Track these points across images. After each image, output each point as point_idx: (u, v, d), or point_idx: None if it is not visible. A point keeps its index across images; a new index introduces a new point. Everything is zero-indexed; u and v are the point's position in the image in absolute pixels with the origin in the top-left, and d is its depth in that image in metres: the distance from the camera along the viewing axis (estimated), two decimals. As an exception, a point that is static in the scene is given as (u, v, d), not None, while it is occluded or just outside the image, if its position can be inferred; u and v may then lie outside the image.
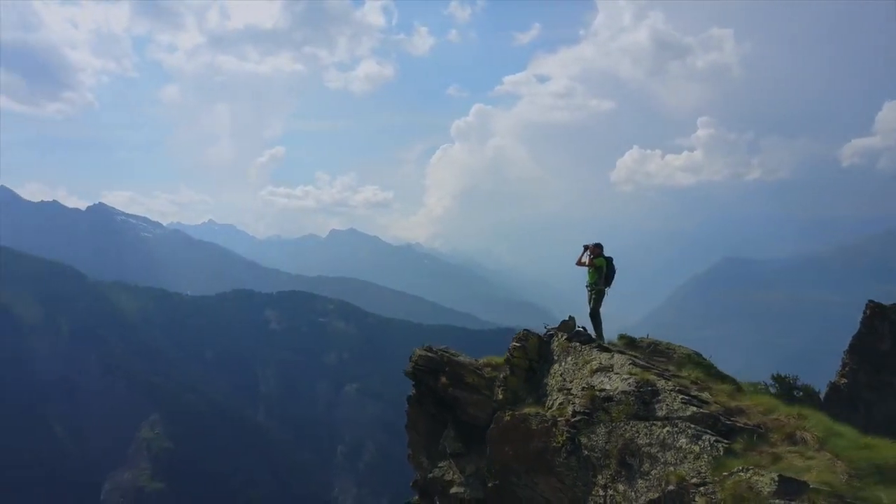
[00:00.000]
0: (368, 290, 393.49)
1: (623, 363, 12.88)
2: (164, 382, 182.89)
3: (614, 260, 17.60)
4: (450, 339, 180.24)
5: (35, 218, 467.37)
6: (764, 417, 10.40)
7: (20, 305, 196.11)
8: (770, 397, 12.06)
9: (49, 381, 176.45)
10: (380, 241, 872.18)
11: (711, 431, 9.66)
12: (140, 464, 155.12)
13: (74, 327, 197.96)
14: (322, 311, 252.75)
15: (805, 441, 9.08)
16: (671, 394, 10.89)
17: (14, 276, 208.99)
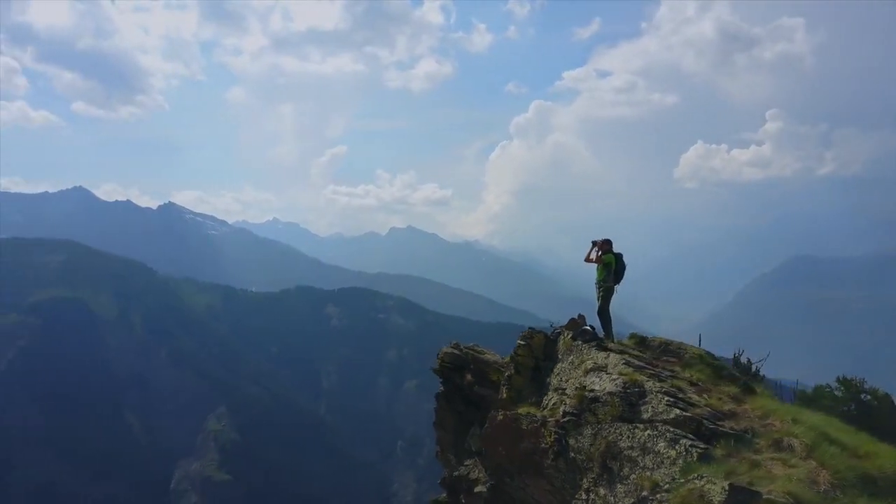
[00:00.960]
0: (427, 288, 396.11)
1: (616, 363, 12.53)
2: (230, 376, 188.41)
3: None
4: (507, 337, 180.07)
5: (110, 217, 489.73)
6: (758, 421, 10.04)
7: (97, 301, 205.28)
8: (772, 400, 11.40)
9: (123, 374, 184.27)
10: (438, 239, 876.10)
11: (691, 436, 9.39)
12: (208, 454, 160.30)
13: (146, 322, 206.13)
14: (382, 308, 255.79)
15: (792, 448, 8.76)
16: (657, 395, 10.56)
17: (91, 274, 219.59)
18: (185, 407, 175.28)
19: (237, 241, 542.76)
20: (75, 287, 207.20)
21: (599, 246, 16.98)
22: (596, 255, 16.97)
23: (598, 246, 17.00)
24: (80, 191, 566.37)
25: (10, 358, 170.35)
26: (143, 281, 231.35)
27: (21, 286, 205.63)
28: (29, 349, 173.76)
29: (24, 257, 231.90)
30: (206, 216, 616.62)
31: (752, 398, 11.53)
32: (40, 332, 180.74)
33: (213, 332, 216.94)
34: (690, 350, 14.60)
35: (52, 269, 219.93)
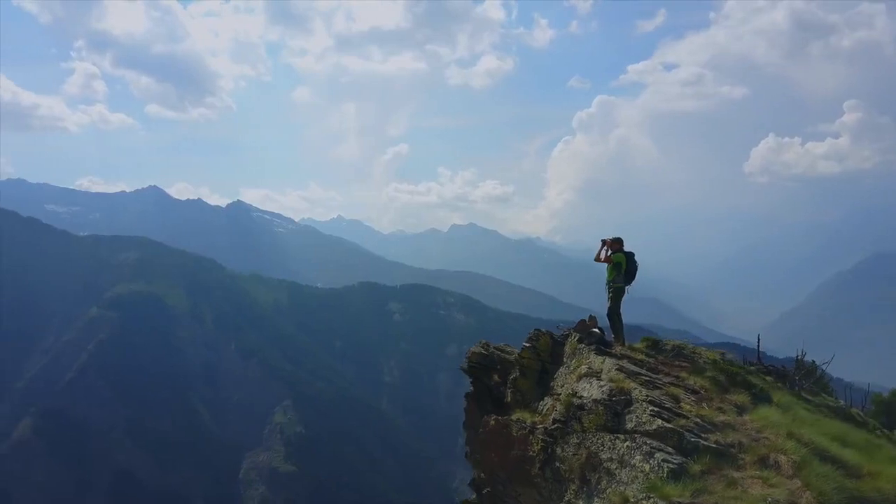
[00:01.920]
0: (488, 284, 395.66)
1: (609, 368, 11.99)
2: (295, 370, 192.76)
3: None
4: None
5: (182, 215, 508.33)
6: (753, 435, 9.45)
7: (170, 296, 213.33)
8: (776, 412, 10.53)
9: (195, 366, 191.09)
10: (499, 236, 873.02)
11: (671, 449, 8.89)
12: (274, 446, 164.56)
13: (216, 317, 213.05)
14: (443, 304, 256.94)
15: (778, 465, 8.20)
16: (643, 405, 10.05)
17: (165, 269, 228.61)
18: (252, 399, 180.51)
19: (303, 238, 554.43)
20: (150, 282, 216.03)
21: (609, 244, 16.51)
22: (605, 254, 16.49)
23: (608, 244, 16.54)
24: (155, 190, 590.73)
25: (90, 349, 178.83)
26: (213, 277, 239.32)
27: (100, 281, 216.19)
28: (108, 341, 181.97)
29: (103, 254, 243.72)
30: (273, 214, 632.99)
31: (756, 409, 10.76)
32: (118, 326, 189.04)
33: (279, 327, 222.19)
34: (705, 354, 14.12)
35: (129, 265, 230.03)
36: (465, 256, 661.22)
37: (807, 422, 10.49)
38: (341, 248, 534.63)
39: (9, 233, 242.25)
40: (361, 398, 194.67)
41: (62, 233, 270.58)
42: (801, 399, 13.56)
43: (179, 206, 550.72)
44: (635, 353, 13.90)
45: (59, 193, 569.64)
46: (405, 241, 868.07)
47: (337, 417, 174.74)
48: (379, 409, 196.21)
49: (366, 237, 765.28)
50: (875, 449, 10.01)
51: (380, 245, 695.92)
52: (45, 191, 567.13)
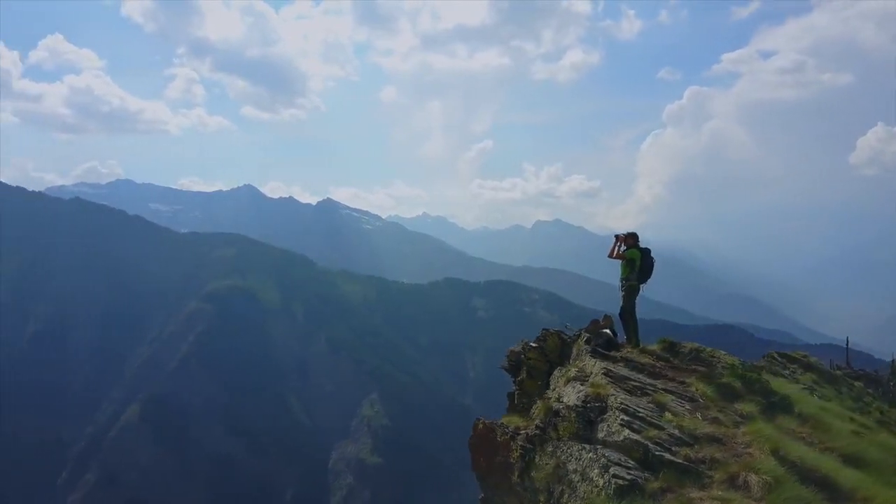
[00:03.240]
0: (573, 281, 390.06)
1: (597, 371, 11.39)
2: (382, 364, 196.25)
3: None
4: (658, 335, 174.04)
5: (275, 213, 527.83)
6: (736, 450, 8.66)
7: (264, 291, 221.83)
8: (771, 427, 9.63)
9: (286, 359, 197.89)
10: (585, 232, 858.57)
11: (633, 462, 8.21)
12: (362, 438, 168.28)
13: (307, 311, 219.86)
14: (527, 301, 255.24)
15: (747, 486, 7.46)
16: (615, 413, 9.42)
17: (259, 265, 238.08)
18: (341, 392, 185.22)
19: (390, 234, 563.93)
20: (245, 277, 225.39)
21: (623, 240, 15.71)
22: (618, 250, 15.71)
23: (622, 240, 15.73)
24: (249, 189, 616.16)
25: (190, 341, 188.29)
26: (304, 272, 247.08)
27: (199, 276, 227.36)
28: (206, 333, 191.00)
29: (202, 250, 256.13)
30: (361, 211, 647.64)
31: (754, 420, 9.81)
32: (216, 318, 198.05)
33: (367, 321, 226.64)
34: (724, 359, 13.33)
35: (225, 261, 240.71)
36: (550, 253, 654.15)
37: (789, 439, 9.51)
38: (426, 244, 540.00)
39: (117, 230, 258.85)
40: (446, 393, 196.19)
41: (165, 230, 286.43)
42: (853, 408, 12.71)
43: (272, 204, 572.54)
44: (641, 357, 13.24)
45: (162, 193, 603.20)
46: (489, 237, 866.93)
47: (422, 412, 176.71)
48: (463, 405, 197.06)
49: (450, 234, 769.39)
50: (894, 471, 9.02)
51: (464, 241, 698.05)
52: (150, 190, 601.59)
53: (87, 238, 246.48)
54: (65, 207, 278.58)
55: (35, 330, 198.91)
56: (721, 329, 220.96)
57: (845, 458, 9.16)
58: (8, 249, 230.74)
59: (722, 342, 15.36)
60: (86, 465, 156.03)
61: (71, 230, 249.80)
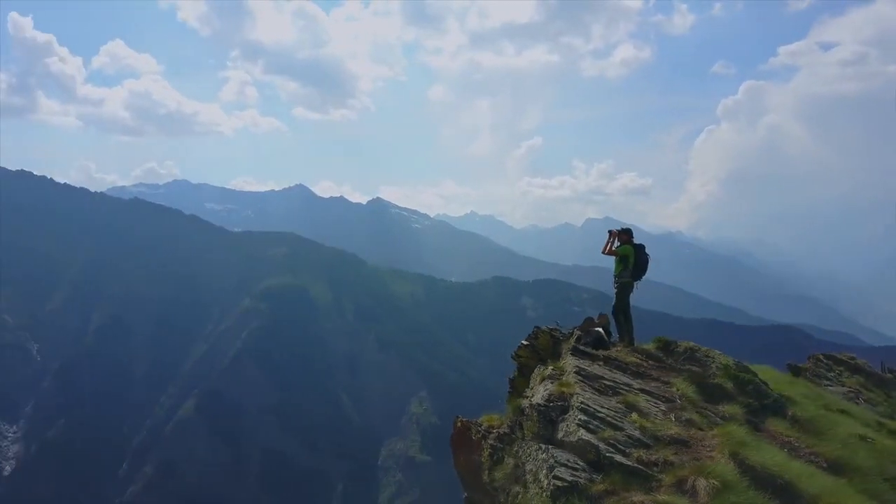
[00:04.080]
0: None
1: (570, 370, 11.05)
2: (431, 361, 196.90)
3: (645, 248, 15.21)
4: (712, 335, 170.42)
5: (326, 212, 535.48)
6: (700, 453, 8.34)
7: (315, 289, 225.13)
8: (745, 430, 9.05)
9: (337, 356, 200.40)
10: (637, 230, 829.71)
11: (581, 464, 8.03)
12: (410, 435, 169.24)
13: (357, 309, 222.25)
14: (577, 301, 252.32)
15: (694, 490, 7.17)
16: (575, 412, 9.14)
17: (310, 263, 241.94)
18: (390, 389, 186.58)
19: (438, 233, 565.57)
20: (297, 275, 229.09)
21: (616, 236, 15.51)
22: (611, 246, 15.50)
23: (615, 236, 15.54)
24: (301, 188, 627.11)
25: (243, 338, 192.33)
26: (354, 271, 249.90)
27: (252, 274, 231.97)
28: (259, 330, 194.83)
29: (255, 248, 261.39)
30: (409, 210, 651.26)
31: (723, 426, 9.26)
32: (268, 316, 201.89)
33: (415, 319, 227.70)
34: (718, 359, 12.90)
35: (278, 260, 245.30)
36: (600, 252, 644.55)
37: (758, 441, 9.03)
38: (474, 242, 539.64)
39: (174, 230, 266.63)
40: (494, 392, 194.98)
41: (219, 229, 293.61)
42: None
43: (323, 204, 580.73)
44: (628, 356, 12.88)
45: (217, 193, 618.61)
46: (538, 235, 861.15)
47: (470, 410, 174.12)
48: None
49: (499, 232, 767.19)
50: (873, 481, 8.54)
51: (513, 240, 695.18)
52: (205, 190, 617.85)
53: (145, 237, 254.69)
54: (125, 207, 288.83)
55: (98, 326, 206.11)
56: (778, 330, 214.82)
57: (830, 463, 8.89)
58: (73, 248, 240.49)
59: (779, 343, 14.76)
60: (145, 458, 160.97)
61: (131, 229, 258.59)
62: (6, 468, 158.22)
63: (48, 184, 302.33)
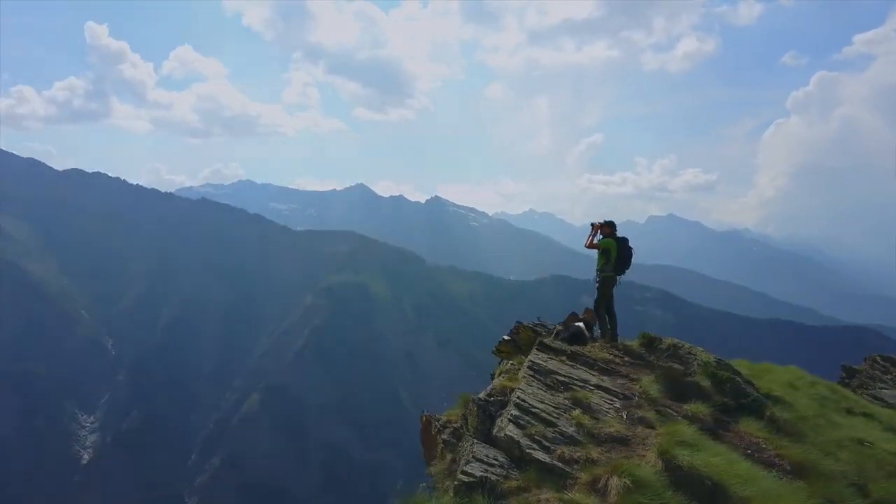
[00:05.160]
0: (688, 279, 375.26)
1: (525, 364, 10.78)
2: (489, 360, 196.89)
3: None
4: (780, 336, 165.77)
5: (386, 211, 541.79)
6: (633, 451, 8.13)
7: (375, 286, 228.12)
8: (690, 428, 8.61)
9: (396, 352, 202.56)
10: (701, 227, 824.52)
11: (501, 460, 7.91)
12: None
13: (415, 306, 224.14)
14: (639, 300, 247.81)
15: (606, 489, 7.00)
16: (510, 407, 9.02)
17: (370, 261, 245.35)
18: (448, 386, 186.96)
19: (496, 231, 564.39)
20: (357, 273, 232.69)
21: (599, 229, 15.04)
22: (591, 239, 15.08)
23: (598, 229, 15.07)
24: (362, 187, 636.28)
25: (306, 334, 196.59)
26: (413, 269, 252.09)
27: (315, 271, 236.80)
28: (321, 327, 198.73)
29: (317, 246, 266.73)
30: (468, 208, 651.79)
31: (670, 424, 8.93)
32: (330, 312, 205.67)
33: (473, 317, 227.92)
34: (700, 356, 12.52)
35: (339, 257, 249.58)
36: (663, 249, 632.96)
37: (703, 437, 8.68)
38: (533, 240, 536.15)
39: (240, 228, 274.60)
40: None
41: (283, 228, 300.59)
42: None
43: (383, 203, 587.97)
44: (600, 352, 12.63)
45: (280, 192, 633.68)
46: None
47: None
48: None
49: (558, 230, 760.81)
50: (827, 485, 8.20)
51: (572, 238, 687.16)
52: (269, 190, 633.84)
53: (212, 236, 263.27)
54: (193, 207, 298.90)
55: (167, 322, 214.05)
56: (849, 330, 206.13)
57: (794, 466, 8.63)
58: (144, 246, 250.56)
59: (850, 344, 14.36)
60: (212, 450, 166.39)
61: (198, 228, 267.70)
62: (84, 456, 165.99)
63: (122, 185, 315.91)
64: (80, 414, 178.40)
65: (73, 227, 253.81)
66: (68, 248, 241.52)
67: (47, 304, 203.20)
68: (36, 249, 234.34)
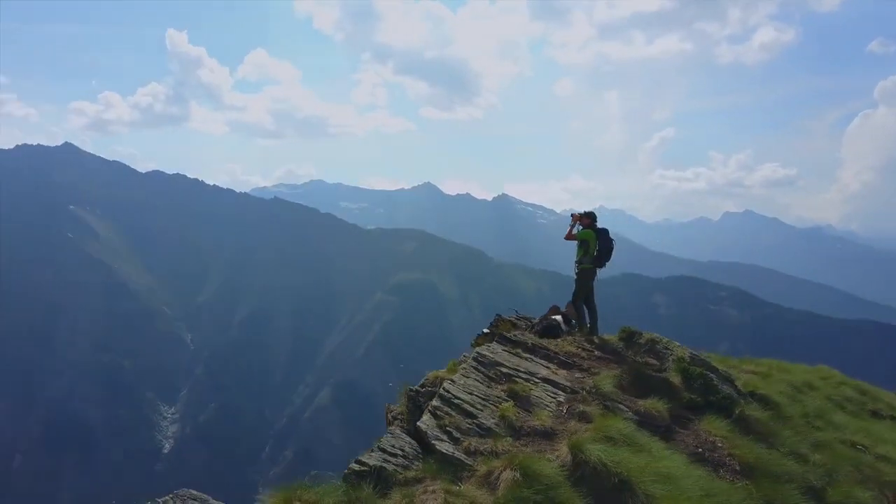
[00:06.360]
0: (766, 277, 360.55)
1: (471, 356, 10.56)
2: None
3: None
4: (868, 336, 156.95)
5: (453, 209, 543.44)
6: (549, 446, 7.92)
7: (443, 283, 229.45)
8: (623, 423, 8.23)
9: (463, 349, 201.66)
10: (780, 223, 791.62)
11: (406, 451, 7.81)
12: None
13: (482, 304, 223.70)
14: (714, 299, 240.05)
15: (497, 482, 6.83)
16: (435, 399, 8.86)
17: (438, 259, 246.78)
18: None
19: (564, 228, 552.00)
20: (425, 271, 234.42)
21: (579, 219, 14.39)
22: (570, 230, 14.50)
23: (577, 219, 14.42)
24: (429, 186, 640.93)
25: (376, 330, 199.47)
26: (480, 266, 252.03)
27: (384, 269, 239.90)
28: (391, 323, 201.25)
29: (386, 245, 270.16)
30: (535, 206, 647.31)
31: (611, 417, 8.60)
32: (399, 309, 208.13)
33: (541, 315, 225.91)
34: (677, 351, 12.01)
35: (408, 255, 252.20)
36: (739, 247, 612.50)
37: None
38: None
39: (311, 227, 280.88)
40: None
41: (353, 227, 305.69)
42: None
43: (450, 201, 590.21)
44: (567, 345, 12.21)
45: (351, 192, 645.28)
46: (671, 230, 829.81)
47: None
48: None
49: (629, 227, 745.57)
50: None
51: (644, 235, 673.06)
52: (340, 190, 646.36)
53: (285, 234, 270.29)
54: (267, 207, 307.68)
55: (242, 317, 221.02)
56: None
57: (744, 466, 8.41)
58: (221, 244, 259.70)
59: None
60: (285, 442, 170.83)
61: (272, 227, 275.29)
62: (166, 446, 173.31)
63: (200, 186, 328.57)
64: (161, 405, 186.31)
65: (155, 227, 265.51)
66: (150, 246, 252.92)
67: (132, 299, 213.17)
68: (122, 248, 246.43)
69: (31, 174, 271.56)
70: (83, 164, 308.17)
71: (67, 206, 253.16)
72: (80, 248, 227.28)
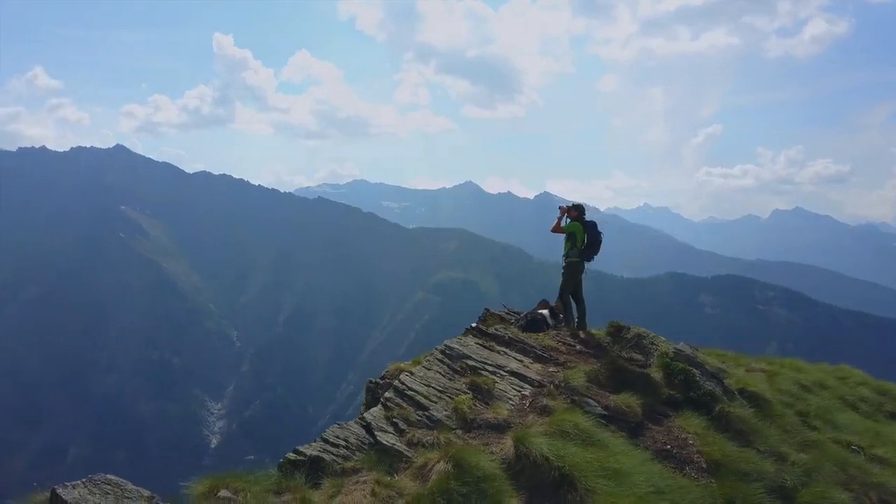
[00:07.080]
0: (817, 276, 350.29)
1: (439, 349, 10.57)
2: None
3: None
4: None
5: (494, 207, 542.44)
6: (490, 438, 7.91)
7: (484, 282, 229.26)
8: (583, 418, 8.07)
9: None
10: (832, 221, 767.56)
11: (351, 441, 7.74)
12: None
13: (523, 301, 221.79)
14: (762, 299, 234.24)
15: (428, 475, 6.75)
16: (391, 391, 8.94)
17: (479, 258, 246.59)
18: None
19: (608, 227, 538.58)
20: (466, 269, 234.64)
21: (567, 212, 13.89)
22: (557, 223, 14.03)
23: (565, 212, 13.91)
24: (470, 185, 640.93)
25: (417, 328, 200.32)
26: (521, 265, 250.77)
27: (425, 268, 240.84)
28: (432, 322, 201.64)
29: (428, 244, 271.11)
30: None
31: (566, 411, 8.42)
32: (440, 308, 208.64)
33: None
34: (662, 347, 11.69)
35: (448, 254, 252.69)
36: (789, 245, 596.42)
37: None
38: (648, 236, 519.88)
39: (354, 226, 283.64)
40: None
41: (395, 226, 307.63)
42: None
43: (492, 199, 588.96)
44: (545, 339, 12.14)
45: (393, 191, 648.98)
46: (718, 228, 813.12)
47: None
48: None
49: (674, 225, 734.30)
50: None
51: (689, 233, 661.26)
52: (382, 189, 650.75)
53: (328, 233, 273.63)
54: (311, 207, 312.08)
55: (287, 315, 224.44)
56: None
57: (710, 463, 8.28)
58: (266, 244, 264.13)
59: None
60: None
61: (316, 227, 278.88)
62: (213, 441, 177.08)
63: (245, 186, 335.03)
64: (208, 401, 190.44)
65: (202, 226, 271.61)
66: (198, 245, 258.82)
67: (180, 298, 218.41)
68: (171, 247, 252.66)
69: (86, 175, 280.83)
70: (134, 166, 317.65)
71: (119, 207, 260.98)
72: (130, 248, 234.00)
